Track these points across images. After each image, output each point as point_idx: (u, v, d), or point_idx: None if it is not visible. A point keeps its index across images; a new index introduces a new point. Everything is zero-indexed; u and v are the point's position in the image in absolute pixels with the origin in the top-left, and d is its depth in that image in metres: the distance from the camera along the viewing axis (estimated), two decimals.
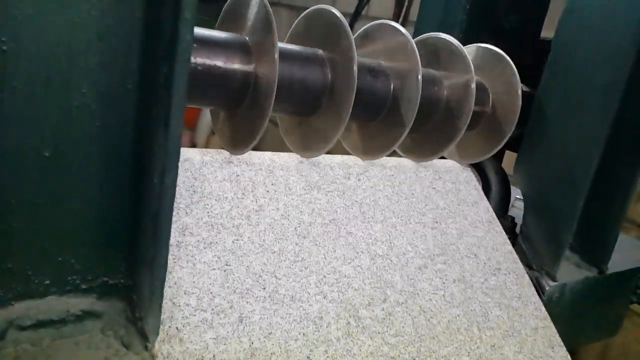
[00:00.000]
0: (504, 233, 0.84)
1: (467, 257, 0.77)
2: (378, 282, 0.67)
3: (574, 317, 0.99)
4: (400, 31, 0.77)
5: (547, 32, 1.09)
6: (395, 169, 0.82)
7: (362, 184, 0.77)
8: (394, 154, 0.83)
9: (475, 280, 0.74)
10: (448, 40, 0.85)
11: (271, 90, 0.62)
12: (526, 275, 0.80)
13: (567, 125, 0.91)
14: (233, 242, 0.61)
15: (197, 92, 0.62)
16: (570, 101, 0.91)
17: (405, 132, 0.76)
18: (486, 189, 1.01)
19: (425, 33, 0.88)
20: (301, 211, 0.69)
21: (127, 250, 0.52)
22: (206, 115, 3.99)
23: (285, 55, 0.68)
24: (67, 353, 0.48)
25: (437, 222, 0.79)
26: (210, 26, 0.66)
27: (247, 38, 0.66)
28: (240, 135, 0.68)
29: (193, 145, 4.08)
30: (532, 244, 0.96)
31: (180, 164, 0.46)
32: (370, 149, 0.81)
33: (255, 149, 0.70)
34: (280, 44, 0.67)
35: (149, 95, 0.47)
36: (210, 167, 0.66)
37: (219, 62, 0.62)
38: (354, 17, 2.93)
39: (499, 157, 1.07)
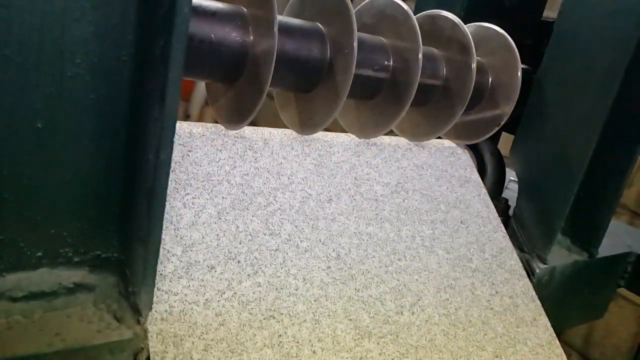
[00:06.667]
0: (564, 354, 0.78)
1: None
2: None
3: (562, 299, 1.00)
4: (401, 7, 0.76)
5: (549, 12, 1.08)
6: (451, 289, 0.74)
7: (416, 318, 0.67)
8: (390, 133, 0.82)
9: None
10: (449, 18, 0.83)
11: (269, 64, 0.61)
12: None
13: (566, 109, 0.91)
14: None
15: (193, 64, 0.61)
16: (570, 84, 0.90)
17: (403, 111, 0.75)
18: (481, 170, 1.01)
19: (426, 10, 0.86)
20: None
21: (120, 225, 0.51)
22: (201, 86, 3.94)
23: (284, 29, 0.66)
24: (59, 325, 0.48)
25: (497, 357, 0.70)
26: None
27: (245, 9, 0.64)
28: (237, 109, 0.67)
29: (187, 116, 4.05)
30: (524, 227, 0.97)
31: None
32: (367, 127, 0.81)
33: (251, 123, 0.69)
34: (279, 17, 0.66)
35: (145, 68, 0.46)
36: (249, 329, 0.56)
37: (217, 34, 0.61)
38: None
39: (495, 138, 1.06)
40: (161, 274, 0.55)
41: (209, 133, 0.68)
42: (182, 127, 0.68)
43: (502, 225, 0.88)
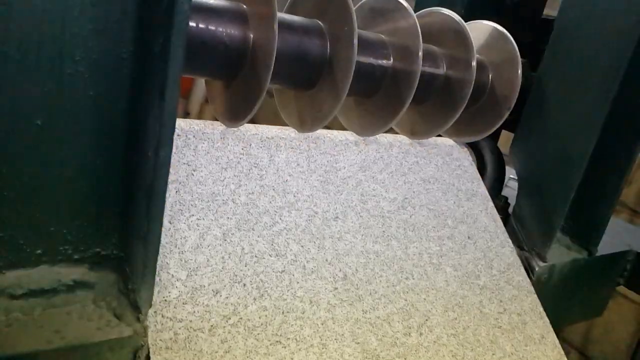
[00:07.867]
0: None
1: None
2: None
3: (561, 297, 1.00)
4: (402, 5, 0.76)
5: (550, 10, 1.08)
6: (459, 308, 0.72)
7: (424, 339, 0.66)
8: (390, 130, 0.82)
9: None
10: (450, 16, 0.83)
11: (269, 62, 0.61)
12: None
13: (566, 107, 0.91)
14: None
15: (193, 61, 0.61)
16: (570, 82, 0.90)
17: (403, 109, 0.75)
18: (481, 168, 1.01)
19: (427, 8, 0.86)
20: None
21: (120, 222, 0.51)
22: (200, 84, 3.94)
23: (283, 26, 0.66)
24: (59, 322, 0.48)
25: None
26: None
27: (244, 6, 0.64)
28: (236, 107, 0.67)
29: (186, 114, 4.04)
30: (524, 225, 0.97)
31: None
32: (367, 125, 0.80)
33: (251, 121, 0.69)
34: (279, 14, 0.66)
35: (144, 65, 0.46)
36: (255, 356, 0.55)
37: (216, 31, 0.61)
38: None
39: (494, 136, 1.06)
40: (165, 300, 0.54)
41: (214, 150, 0.67)
42: (187, 140, 0.66)
43: (509, 239, 0.87)
